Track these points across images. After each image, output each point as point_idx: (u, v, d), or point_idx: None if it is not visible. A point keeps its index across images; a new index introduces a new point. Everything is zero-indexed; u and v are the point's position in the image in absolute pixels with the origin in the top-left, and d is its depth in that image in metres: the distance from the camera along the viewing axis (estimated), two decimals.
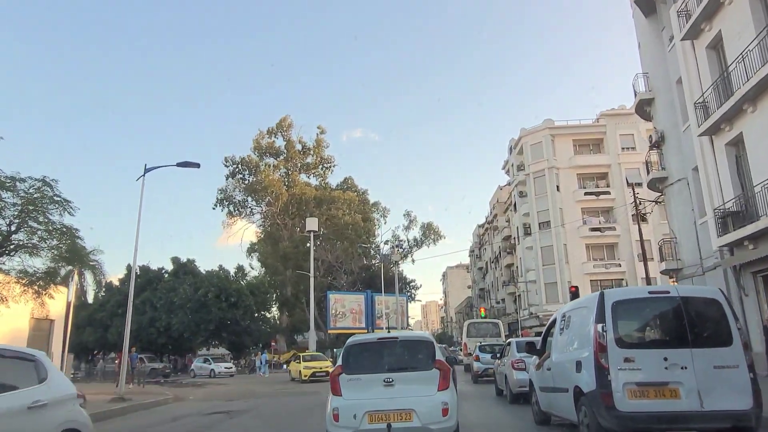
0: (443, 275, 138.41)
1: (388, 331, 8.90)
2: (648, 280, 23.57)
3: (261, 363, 38.13)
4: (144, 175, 15.93)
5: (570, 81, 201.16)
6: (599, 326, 6.32)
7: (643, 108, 21.87)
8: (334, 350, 55.38)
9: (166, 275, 44.15)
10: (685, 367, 5.94)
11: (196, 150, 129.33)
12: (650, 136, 20.81)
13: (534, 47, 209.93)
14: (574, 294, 17.17)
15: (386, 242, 47.16)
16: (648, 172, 22.18)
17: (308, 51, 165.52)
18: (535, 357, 9.39)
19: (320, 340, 58.08)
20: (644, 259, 23.65)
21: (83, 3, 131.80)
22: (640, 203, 24.20)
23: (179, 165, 16.22)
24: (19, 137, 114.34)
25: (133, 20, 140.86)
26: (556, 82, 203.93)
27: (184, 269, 42.88)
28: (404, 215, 63.85)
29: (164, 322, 40.23)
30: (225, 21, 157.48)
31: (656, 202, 23.87)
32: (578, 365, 6.73)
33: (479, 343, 21.15)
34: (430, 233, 65.59)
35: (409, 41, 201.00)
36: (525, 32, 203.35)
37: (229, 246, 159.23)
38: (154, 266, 46.19)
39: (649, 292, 6.94)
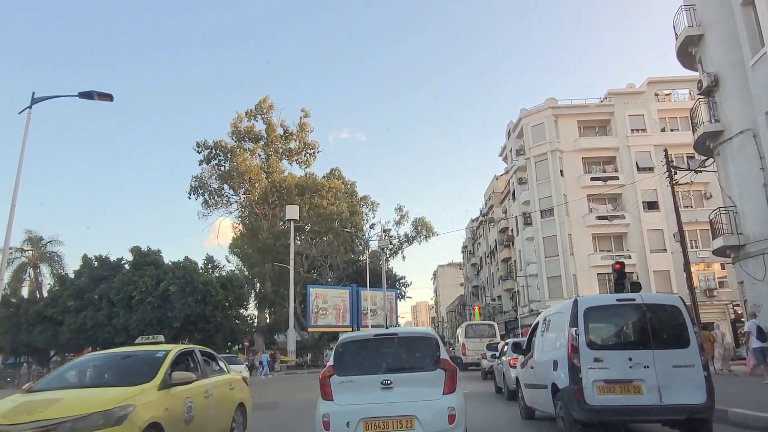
0: (434, 274, 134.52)
1: (386, 328, 8.07)
2: (687, 267, 19.42)
3: (263, 364, 34.55)
4: (30, 107, 11.51)
5: (569, 80, 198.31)
6: (572, 330, 6.94)
7: (687, 50, 17.76)
8: (326, 351, 51.05)
9: (127, 266, 39.44)
10: (647, 366, 6.58)
11: (189, 149, 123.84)
12: (699, 82, 16.69)
13: (532, 44, 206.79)
14: (619, 272, 13.15)
15: (372, 226, 42.73)
16: (693, 131, 17.98)
17: (294, 51, 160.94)
18: (520, 356, 10.00)
19: (303, 340, 53.80)
20: (683, 245, 19.57)
21: None
22: (675, 173, 19.98)
23: (82, 96, 11.83)
24: None
25: (128, 20, 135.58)
26: (554, 79, 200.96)
27: (146, 260, 38.16)
28: (395, 209, 59.48)
29: (122, 319, 35.63)
30: (217, 19, 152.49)
31: (696, 172, 19.73)
32: (555, 364, 7.33)
33: (488, 342, 22.12)
34: (422, 229, 61.77)
35: (402, 41, 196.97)
36: (522, 31, 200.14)
37: (215, 247, 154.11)
38: (116, 257, 41.40)
39: (617, 300, 7.46)
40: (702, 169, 19.38)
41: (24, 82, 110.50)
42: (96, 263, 39.29)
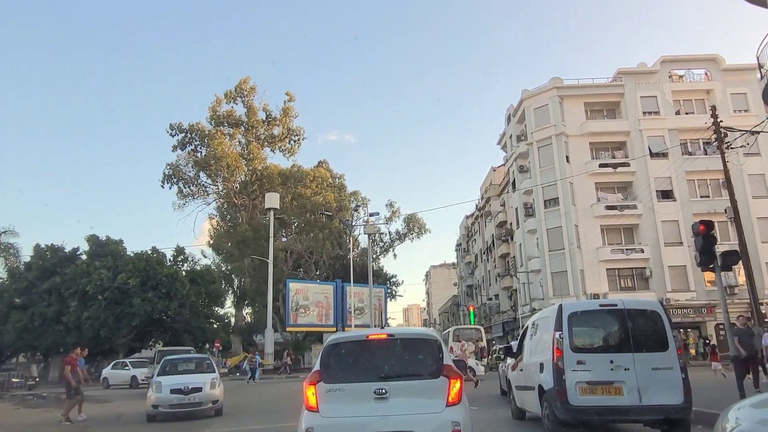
0: (426, 275, 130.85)
1: (381, 328, 7.49)
2: (744, 251, 15.60)
3: (255, 366, 30.86)
4: None
5: (575, 68, 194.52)
6: (557, 334, 7.24)
7: None
8: (305, 353, 47.07)
9: (83, 256, 35.18)
10: (628, 369, 6.90)
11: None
12: None
13: (535, 37, 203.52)
14: (706, 237, 9.46)
15: (356, 208, 38.76)
16: (761, 76, 14.16)
17: (279, 49, 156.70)
18: (512, 359, 10.44)
19: (285, 341, 49.75)
20: (737, 221, 15.74)
21: None
22: (725, 136, 16.19)
23: None
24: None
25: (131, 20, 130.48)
26: (560, 70, 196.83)
27: (104, 250, 33.93)
28: (386, 205, 55.26)
29: (73, 316, 31.39)
30: (212, 17, 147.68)
31: (753, 133, 15.95)
32: (541, 367, 7.61)
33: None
34: (414, 226, 58.00)
35: (396, 38, 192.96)
36: (524, 23, 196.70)
37: (202, 248, 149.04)
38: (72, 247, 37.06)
39: (600, 305, 8.11)
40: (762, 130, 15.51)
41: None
42: (48, 254, 34.96)
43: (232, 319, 48.34)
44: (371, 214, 33.60)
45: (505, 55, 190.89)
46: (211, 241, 52.63)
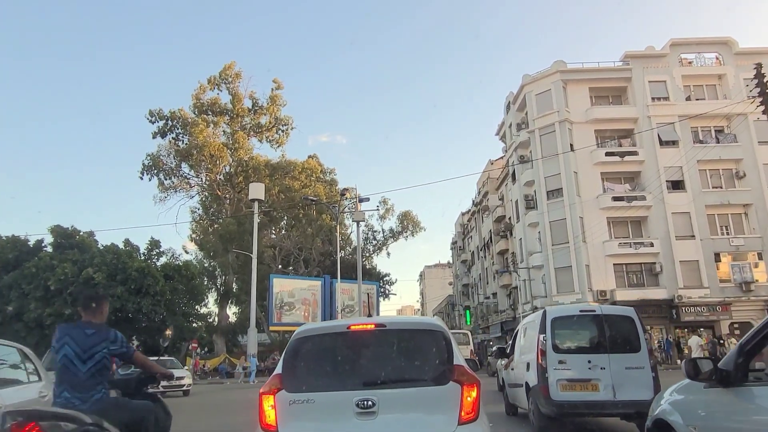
0: (420, 275, 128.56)
1: (369, 316, 5.92)
2: None
3: (250, 368, 30.70)
4: None
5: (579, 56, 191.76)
6: (541, 336, 8.01)
7: None
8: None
9: (50, 249, 32.43)
10: (604, 368, 7.59)
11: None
12: None
13: (531, 29, 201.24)
14: None
15: (344, 192, 36.26)
16: None
17: (269, 46, 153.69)
18: (505, 359, 11.31)
19: (273, 341, 47.21)
20: None
21: None
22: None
23: None
24: None
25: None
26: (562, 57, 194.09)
27: (70, 242, 31.20)
28: (380, 203, 52.67)
29: (33, 314, 28.65)
30: (204, 17, 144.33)
31: None
32: (528, 366, 8.45)
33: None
34: (408, 224, 55.70)
35: (392, 36, 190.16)
36: (523, 15, 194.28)
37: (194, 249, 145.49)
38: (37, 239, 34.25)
39: (580, 311, 8.81)
40: None
41: None
42: (9, 246, 32.17)
43: (216, 318, 45.59)
44: (361, 200, 30.99)
45: (504, 46, 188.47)
46: (193, 235, 50.22)
